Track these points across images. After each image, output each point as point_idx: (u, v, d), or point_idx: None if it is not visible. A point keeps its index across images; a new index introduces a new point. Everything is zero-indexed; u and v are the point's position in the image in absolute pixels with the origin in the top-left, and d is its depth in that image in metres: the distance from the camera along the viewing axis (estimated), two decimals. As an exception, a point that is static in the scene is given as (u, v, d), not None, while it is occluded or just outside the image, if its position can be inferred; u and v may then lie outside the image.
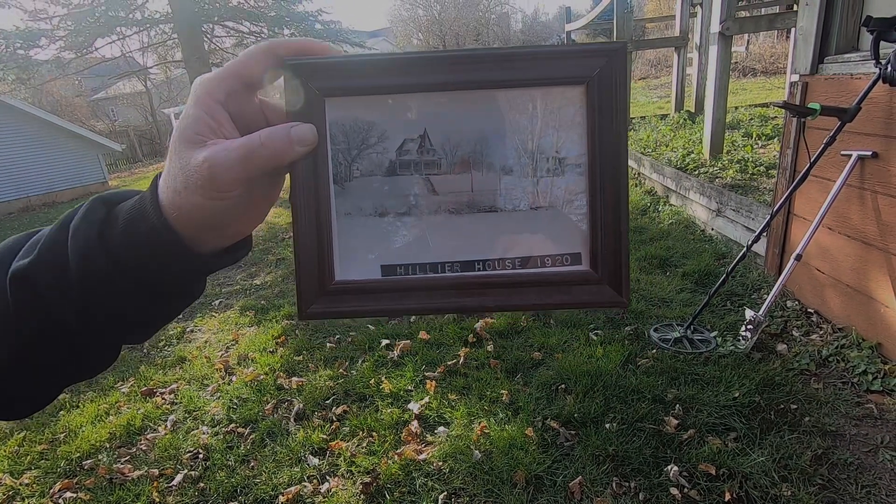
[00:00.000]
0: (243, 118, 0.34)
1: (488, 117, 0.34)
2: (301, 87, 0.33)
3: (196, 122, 0.32)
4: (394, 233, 0.35)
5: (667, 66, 16.62)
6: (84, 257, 0.33)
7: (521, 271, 0.35)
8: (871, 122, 2.13)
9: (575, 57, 0.34)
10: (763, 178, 4.27)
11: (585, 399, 2.16)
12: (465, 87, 0.34)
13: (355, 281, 0.35)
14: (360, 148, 0.35)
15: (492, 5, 34.32)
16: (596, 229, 0.35)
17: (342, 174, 0.35)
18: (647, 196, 4.97)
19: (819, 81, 2.47)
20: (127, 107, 23.28)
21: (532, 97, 0.34)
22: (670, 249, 3.61)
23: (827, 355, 2.25)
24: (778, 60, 13.96)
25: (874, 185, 2.15)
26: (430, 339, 2.81)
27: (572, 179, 0.35)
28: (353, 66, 0.33)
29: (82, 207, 0.35)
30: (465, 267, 0.35)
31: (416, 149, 0.35)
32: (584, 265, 0.35)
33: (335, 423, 2.26)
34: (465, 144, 0.35)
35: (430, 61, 0.34)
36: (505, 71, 0.33)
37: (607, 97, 0.34)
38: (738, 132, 5.71)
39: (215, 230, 0.34)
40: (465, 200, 0.35)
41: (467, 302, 0.35)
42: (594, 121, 0.34)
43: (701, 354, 2.36)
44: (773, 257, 2.90)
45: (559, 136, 0.34)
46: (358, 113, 0.34)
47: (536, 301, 0.36)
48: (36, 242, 0.35)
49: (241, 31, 12.37)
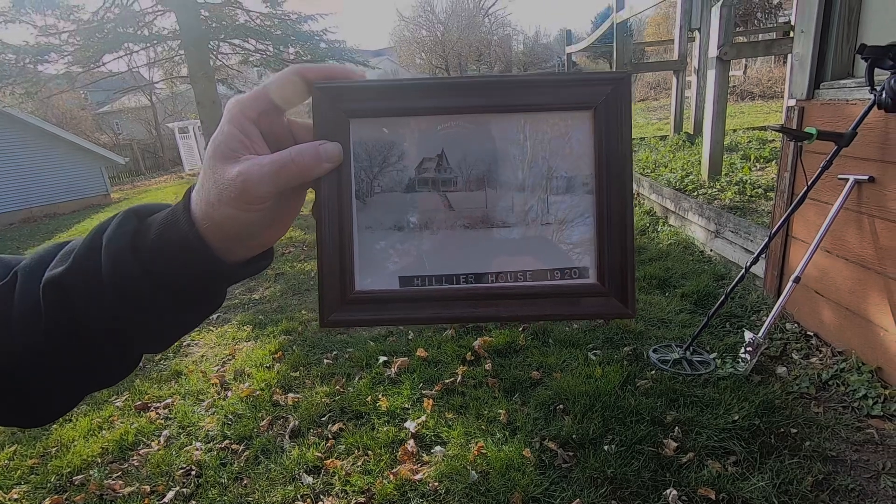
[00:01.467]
0: (273, 136, 0.37)
1: (502, 139, 0.36)
2: (328, 108, 0.36)
3: (230, 139, 0.34)
4: (411, 246, 0.37)
5: (666, 89, 16.85)
6: (117, 266, 0.35)
7: (532, 283, 0.37)
8: (867, 147, 2.16)
9: (583, 85, 0.36)
10: (761, 201, 4.30)
11: (584, 420, 2.14)
12: (481, 110, 0.36)
13: (374, 291, 0.37)
14: (381, 165, 0.37)
15: (494, 27, 34.94)
16: (603, 244, 0.37)
17: (364, 190, 0.37)
18: (647, 216, 4.99)
19: (815, 106, 2.50)
20: (131, 121, 23.52)
21: (543, 121, 0.36)
22: (669, 270, 3.61)
23: (827, 379, 2.23)
24: (775, 85, 14.16)
25: (871, 209, 2.17)
26: (427, 356, 2.80)
27: (580, 197, 0.37)
28: (377, 89, 0.36)
29: (115, 219, 0.37)
30: (479, 279, 0.37)
31: (434, 167, 0.37)
32: (591, 278, 0.37)
33: (330, 441, 2.23)
34: (480, 164, 0.37)
35: (448, 87, 0.36)
36: (518, 96, 0.36)
37: (613, 121, 0.36)
38: (736, 154, 5.76)
39: (243, 241, 0.36)
40: (480, 216, 0.37)
41: (481, 312, 0.37)
42: (601, 143, 0.36)
43: (700, 376, 2.34)
44: (771, 279, 2.90)
45: (568, 157, 0.37)
46: (380, 133, 0.36)
47: (547, 311, 0.37)
48: (69, 252, 0.37)
49: (246, 49, 12.55)
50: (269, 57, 12.44)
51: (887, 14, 2.20)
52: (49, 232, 9.81)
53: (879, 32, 2.25)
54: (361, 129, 0.36)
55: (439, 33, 32.52)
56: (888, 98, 1.94)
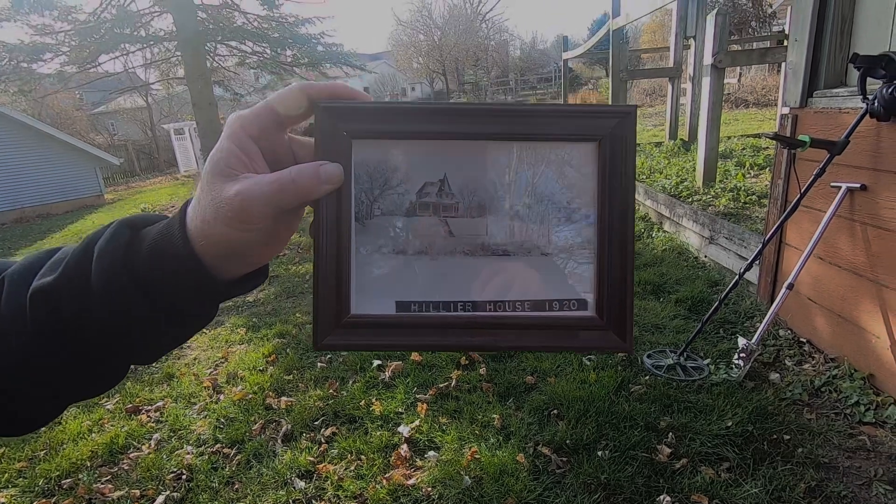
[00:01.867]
0: (273, 153, 0.36)
1: (506, 167, 0.36)
2: (331, 128, 0.35)
3: (229, 156, 0.34)
4: (410, 271, 0.36)
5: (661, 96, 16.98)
6: (108, 278, 0.34)
7: (531, 314, 0.37)
8: (859, 156, 2.18)
9: (589, 117, 0.36)
10: (755, 207, 4.33)
11: (578, 425, 2.14)
12: (487, 137, 0.36)
13: (370, 315, 0.36)
14: (382, 188, 0.36)
15: (491, 33, 35.12)
16: (602, 277, 0.36)
17: (364, 212, 0.36)
18: (641, 222, 5.01)
19: (809, 114, 2.53)
20: (127, 121, 23.42)
21: (548, 151, 0.36)
22: (664, 276, 3.62)
23: (819, 385, 2.24)
24: (769, 93, 14.30)
25: (863, 217, 2.19)
26: (422, 360, 2.79)
27: (582, 229, 0.36)
28: (381, 111, 0.35)
29: (108, 229, 0.36)
30: (477, 307, 0.37)
31: (436, 192, 0.36)
32: (590, 311, 0.37)
33: (323, 446, 2.22)
34: (483, 190, 0.36)
35: (454, 112, 0.36)
36: (524, 125, 0.36)
37: (618, 154, 0.36)
38: (730, 161, 5.81)
39: (238, 259, 0.35)
40: (480, 243, 0.36)
41: (478, 341, 0.37)
42: (605, 175, 0.36)
43: (694, 382, 2.35)
44: (765, 286, 2.92)
45: (571, 188, 0.36)
46: (382, 155, 0.36)
47: (545, 343, 0.37)
48: (59, 262, 0.36)
49: (243, 51, 12.55)
50: (267, 59, 12.43)
51: (879, 24, 2.23)
52: (42, 232, 9.74)
53: (871, 42, 2.28)
54: (363, 151, 0.36)
55: (437, 38, 32.63)
56: (880, 107, 1.96)
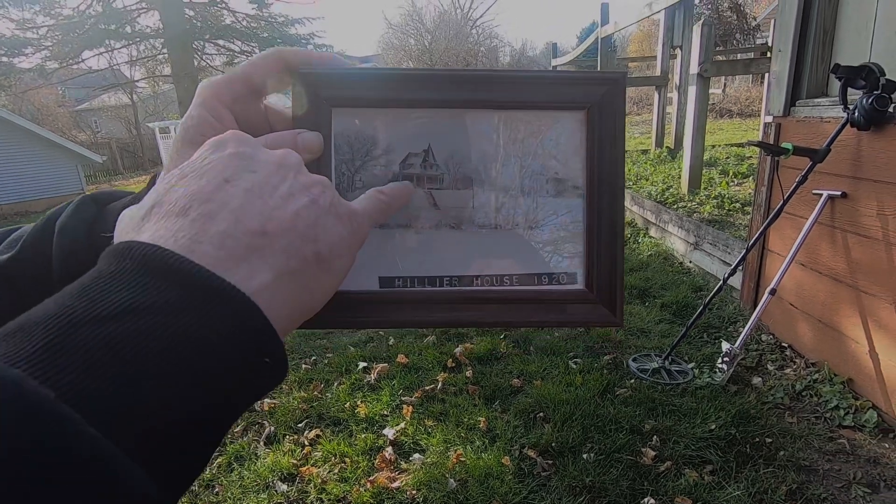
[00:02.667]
0: (248, 123, 0.34)
1: (492, 136, 0.35)
2: (309, 95, 0.33)
3: (200, 124, 0.31)
4: (393, 245, 0.35)
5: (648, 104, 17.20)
6: (69, 256, 0.31)
7: (518, 288, 0.35)
8: (840, 164, 2.22)
9: (578, 84, 0.35)
10: (739, 215, 4.40)
11: (563, 428, 2.14)
12: (472, 105, 0.34)
13: (352, 291, 0.34)
14: (363, 159, 0.35)
15: (481, 38, 35.33)
16: (592, 250, 0.35)
17: (345, 185, 0.34)
18: (628, 227, 5.06)
19: (792, 123, 2.58)
20: (111, 119, 23.05)
21: (535, 119, 0.35)
22: (649, 280, 3.66)
23: (800, 389, 2.28)
24: (752, 104, 14.59)
25: (844, 224, 2.23)
26: (408, 362, 2.77)
27: (570, 201, 0.35)
28: (362, 78, 0.34)
29: (70, 205, 0.33)
30: (464, 281, 0.35)
31: (420, 163, 0.35)
32: (579, 284, 0.36)
33: (307, 448, 2.19)
34: (468, 161, 0.35)
35: (438, 78, 0.34)
36: (510, 92, 0.34)
37: (607, 123, 0.35)
38: (715, 170, 5.90)
39: None
40: (466, 216, 0.35)
41: (464, 316, 0.35)
42: (594, 145, 0.35)
43: (678, 385, 2.37)
44: (748, 291, 2.96)
45: (559, 159, 0.35)
46: (364, 125, 0.34)
47: (533, 318, 0.36)
48: (17, 239, 0.34)
49: (231, 50, 12.46)
50: (257, 58, 12.36)
51: (860, 36, 2.28)
52: (19, 230, 9.52)
53: (852, 53, 2.33)
54: (344, 120, 0.34)
55: (427, 42, 32.74)
56: (860, 116, 2.00)
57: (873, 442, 1.96)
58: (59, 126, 19.60)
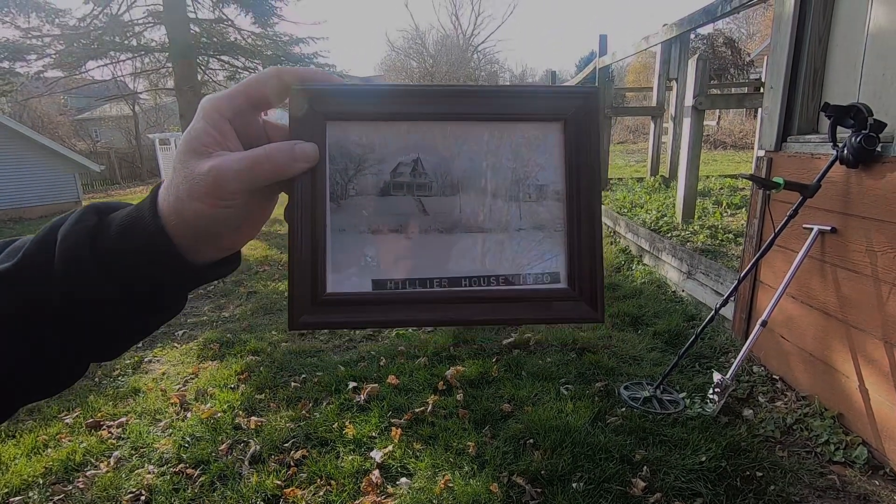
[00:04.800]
0: (247, 135, 0.36)
1: (477, 146, 0.37)
2: (305, 109, 0.36)
3: (203, 135, 0.33)
4: (385, 249, 0.37)
5: (644, 133, 17.49)
6: (72, 264, 0.32)
7: (505, 287, 0.38)
8: (830, 200, 2.26)
9: (555, 98, 0.38)
10: (731, 245, 4.44)
11: (553, 455, 2.11)
12: (457, 118, 0.37)
13: (346, 293, 0.36)
14: (356, 168, 0.36)
15: (482, 63, 36.00)
16: (573, 250, 0.38)
17: (339, 192, 0.36)
18: (622, 254, 5.09)
19: (783, 158, 2.63)
20: (111, 129, 23.13)
21: (516, 130, 0.37)
22: (642, 308, 3.67)
23: (791, 423, 2.27)
24: (746, 136, 14.87)
25: (834, 259, 2.26)
26: (399, 383, 2.74)
27: (551, 205, 0.38)
28: (354, 93, 0.36)
29: (73, 214, 0.34)
30: (453, 283, 0.37)
31: (410, 172, 0.37)
32: (562, 283, 0.38)
33: (292, 469, 2.15)
34: (455, 170, 0.37)
35: (425, 93, 0.37)
36: (493, 105, 0.37)
37: (583, 133, 0.37)
38: (709, 200, 5.97)
39: (211, 240, 0.35)
40: (454, 221, 0.37)
41: (453, 315, 0.37)
42: (570, 153, 0.37)
43: (669, 415, 2.35)
44: (739, 322, 2.97)
45: (539, 167, 0.38)
46: (356, 136, 0.36)
47: (519, 315, 0.38)
48: (19, 248, 0.35)
49: (235, 66, 12.61)
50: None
51: (848, 77, 2.35)
52: (12, 236, 9.43)
53: (841, 92, 2.40)
54: (338, 132, 0.36)
55: (428, 65, 33.29)
56: (850, 154, 2.05)
57: (864, 479, 1.95)
58: (58, 134, 19.62)
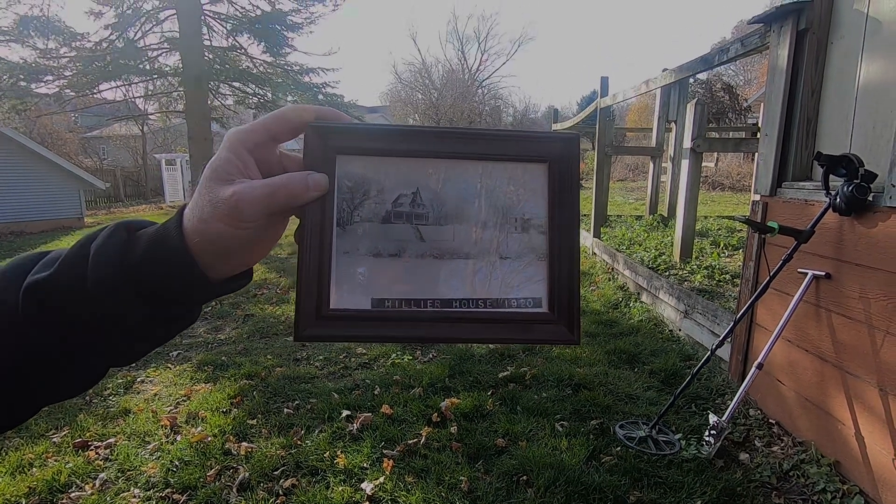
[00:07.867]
0: (265, 165, 0.40)
1: (469, 182, 0.42)
2: (318, 144, 0.40)
3: (227, 164, 0.38)
4: (384, 271, 0.41)
5: (643, 172, 17.76)
6: (103, 276, 0.36)
7: (491, 310, 0.41)
8: (824, 245, 2.30)
9: (540, 141, 0.42)
10: (728, 286, 4.47)
11: (547, 494, 2.08)
12: (452, 156, 0.42)
13: (348, 310, 0.40)
14: (361, 198, 0.41)
15: (486, 98, 36.82)
16: (553, 278, 0.41)
17: (345, 218, 0.40)
18: (620, 291, 5.10)
19: (778, 203, 2.68)
20: (119, 148, 23.42)
21: (505, 169, 0.42)
22: (639, 346, 3.66)
23: (787, 469, 2.24)
24: (744, 179, 15.10)
25: (829, 304, 2.28)
26: (392, 413, 2.72)
27: (535, 237, 0.42)
28: (363, 131, 0.41)
29: (105, 230, 0.38)
30: (444, 304, 0.41)
31: (409, 203, 0.41)
32: (543, 307, 0.42)
33: (280, 498, 2.11)
34: (450, 202, 0.41)
35: (426, 134, 0.41)
36: (485, 147, 0.42)
37: (565, 173, 0.42)
38: (706, 240, 6.04)
39: (228, 258, 0.39)
40: (447, 248, 0.41)
41: (444, 333, 0.41)
42: (553, 191, 0.42)
43: (665, 457, 2.33)
44: (736, 363, 2.97)
45: (525, 202, 0.42)
46: (362, 169, 0.41)
47: (503, 335, 0.42)
48: (54, 260, 0.38)
49: (245, 92, 12.90)
50: (267, 102, 12.78)
51: (840, 127, 2.43)
52: (13, 249, 9.44)
53: (834, 142, 2.47)
54: (346, 165, 0.41)
55: (434, 98, 34.03)
56: (842, 203, 2.10)
57: (861, 529, 1.92)
58: (66, 151, 19.85)
